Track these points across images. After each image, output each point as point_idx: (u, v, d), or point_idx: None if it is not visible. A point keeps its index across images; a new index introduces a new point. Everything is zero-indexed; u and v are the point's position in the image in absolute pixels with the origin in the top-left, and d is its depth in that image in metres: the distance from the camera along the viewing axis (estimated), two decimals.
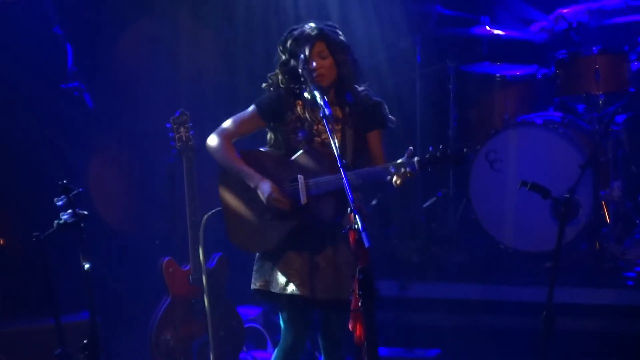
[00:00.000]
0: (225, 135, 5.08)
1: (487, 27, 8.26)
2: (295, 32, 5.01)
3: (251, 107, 5.10)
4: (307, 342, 5.44)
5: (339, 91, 5.06)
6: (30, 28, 7.04)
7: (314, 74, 4.92)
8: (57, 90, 6.79)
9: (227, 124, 5.12)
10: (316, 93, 4.83)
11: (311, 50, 4.93)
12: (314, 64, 4.92)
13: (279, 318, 5.18)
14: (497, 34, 8.27)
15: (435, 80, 8.39)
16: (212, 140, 5.10)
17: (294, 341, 5.11)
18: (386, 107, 5.13)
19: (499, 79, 8.17)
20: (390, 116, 5.14)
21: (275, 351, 5.19)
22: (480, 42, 8.52)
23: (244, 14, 7.89)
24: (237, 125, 5.09)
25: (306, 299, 4.98)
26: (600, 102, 7.62)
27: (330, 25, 5.05)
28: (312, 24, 5.02)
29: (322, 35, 4.96)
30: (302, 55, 4.94)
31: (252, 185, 4.97)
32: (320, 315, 5.17)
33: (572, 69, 7.69)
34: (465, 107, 8.27)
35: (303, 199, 4.90)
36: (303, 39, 4.96)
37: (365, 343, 4.36)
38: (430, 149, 4.80)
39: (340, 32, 5.04)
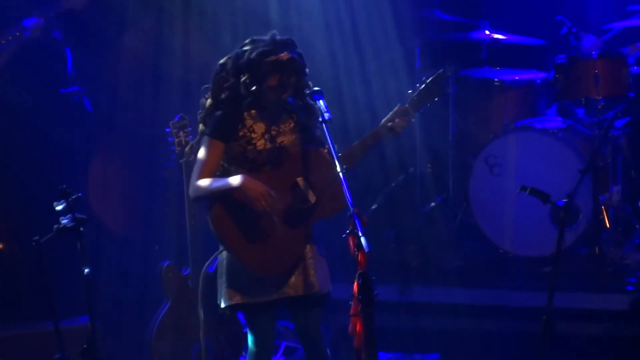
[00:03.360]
0: (199, 176, 4.95)
1: (487, 32, 8.26)
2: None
3: (204, 140, 4.98)
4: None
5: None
6: None
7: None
8: (56, 94, 6.78)
9: (195, 170, 4.98)
10: (321, 102, 4.83)
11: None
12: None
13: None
14: (496, 39, 8.27)
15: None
16: (192, 188, 4.98)
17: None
18: None
19: (498, 83, 8.15)
20: None
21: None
22: (480, 47, 8.52)
23: (246, 19, 7.89)
24: (204, 163, 4.95)
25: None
26: (599, 106, 7.60)
27: None
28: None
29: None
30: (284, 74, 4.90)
31: (235, 183, 4.84)
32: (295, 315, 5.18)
33: (571, 73, 7.67)
34: (464, 111, 8.25)
35: (311, 198, 4.94)
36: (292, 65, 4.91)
37: (364, 348, 4.35)
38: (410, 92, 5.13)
39: None
